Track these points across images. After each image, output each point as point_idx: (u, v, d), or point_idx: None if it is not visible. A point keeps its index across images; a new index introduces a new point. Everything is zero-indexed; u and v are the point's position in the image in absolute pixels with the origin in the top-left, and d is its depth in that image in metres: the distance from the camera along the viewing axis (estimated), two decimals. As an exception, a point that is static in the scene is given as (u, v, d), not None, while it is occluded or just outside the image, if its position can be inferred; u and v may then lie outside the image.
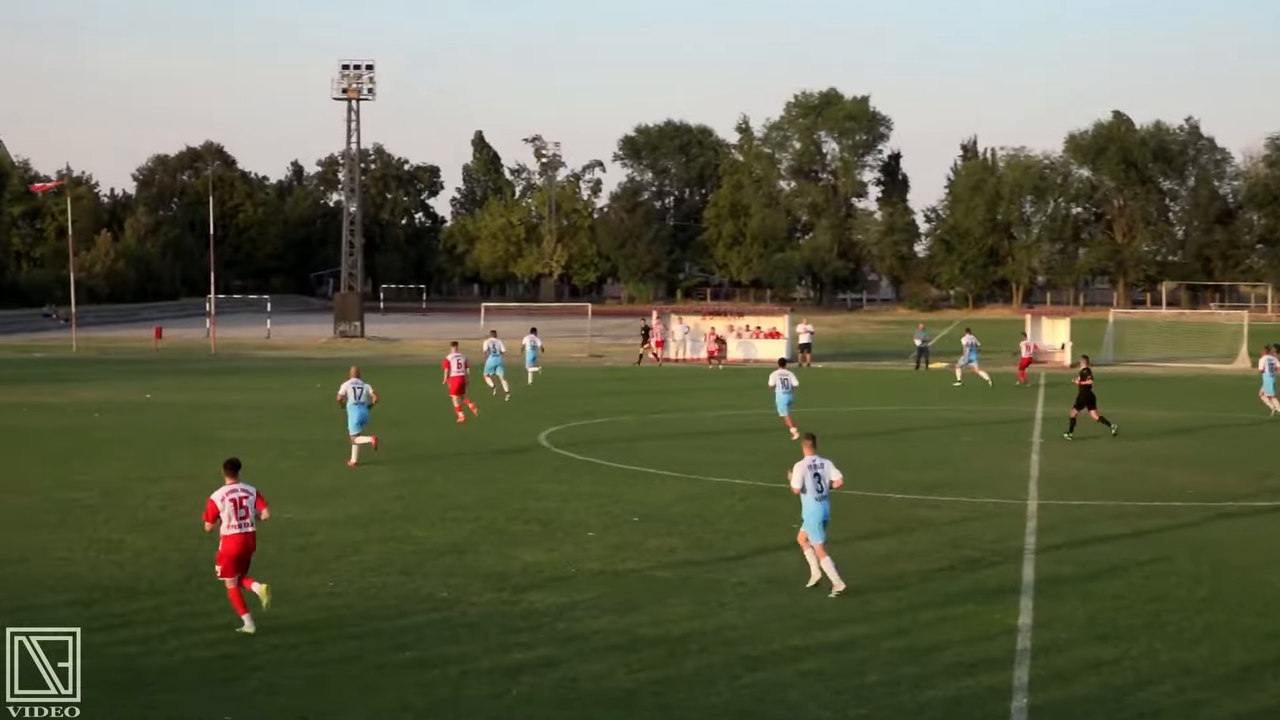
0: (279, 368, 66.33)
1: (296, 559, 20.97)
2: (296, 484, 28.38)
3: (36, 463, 31.57)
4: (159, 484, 28.38)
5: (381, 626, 17.20)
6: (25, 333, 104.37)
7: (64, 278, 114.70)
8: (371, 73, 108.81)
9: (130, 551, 21.47)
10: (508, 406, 45.50)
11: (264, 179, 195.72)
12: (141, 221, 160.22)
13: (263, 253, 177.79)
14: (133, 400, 48.14)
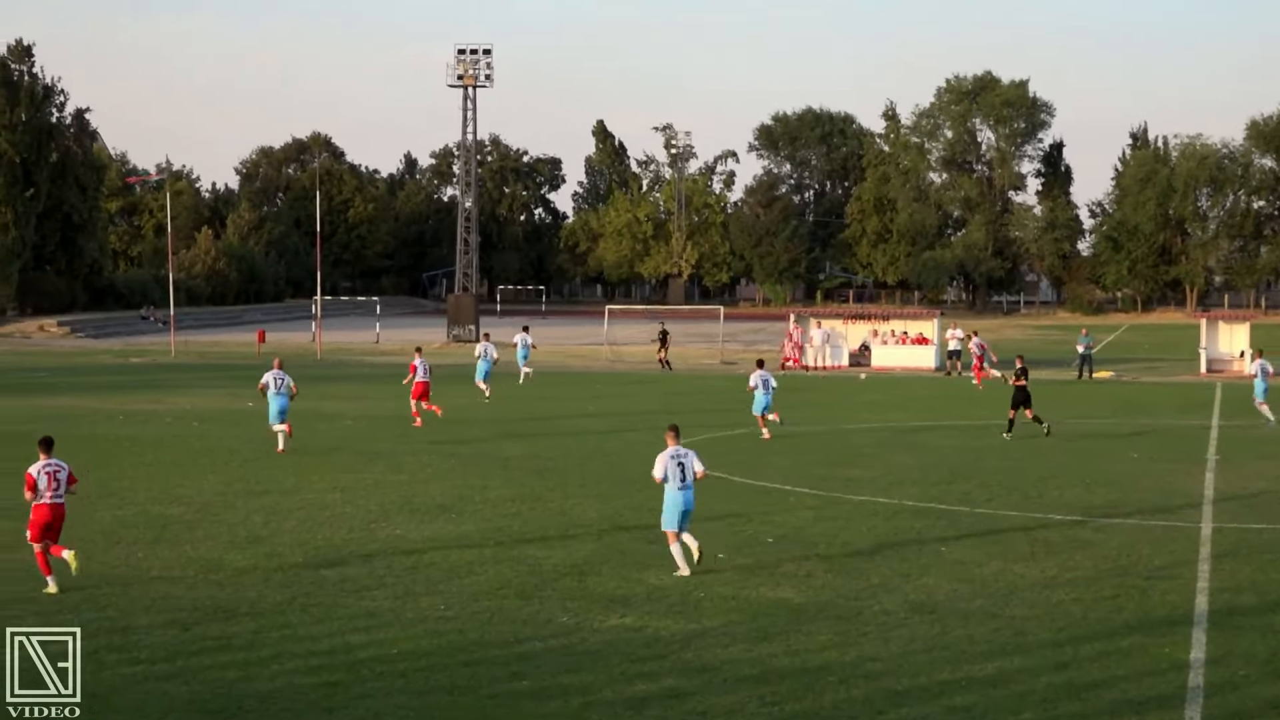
0: (388, 375, 66.95)
1: (406, 579, 21.14)
2: (406, 499, 28.63)
3: (132, 475, 32.13)
4: (261, 498, 28.76)
5: (497, 653, 17.27)
6: (122, 336, 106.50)
7: (162, 278, 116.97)
8: (489, 58, 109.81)
9: (230, 570, 21.77)
10: (633, 417, 45.58)
11: (374, 172, 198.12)
12: (244, 218, 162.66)
13: (372, 251, 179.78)
14: (233, 408, 48.86)
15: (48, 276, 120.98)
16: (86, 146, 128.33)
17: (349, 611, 19.20)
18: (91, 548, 23.28)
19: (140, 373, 68.84)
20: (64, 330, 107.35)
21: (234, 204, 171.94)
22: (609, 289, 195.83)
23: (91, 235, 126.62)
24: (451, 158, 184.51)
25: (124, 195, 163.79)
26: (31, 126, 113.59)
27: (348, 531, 24.92)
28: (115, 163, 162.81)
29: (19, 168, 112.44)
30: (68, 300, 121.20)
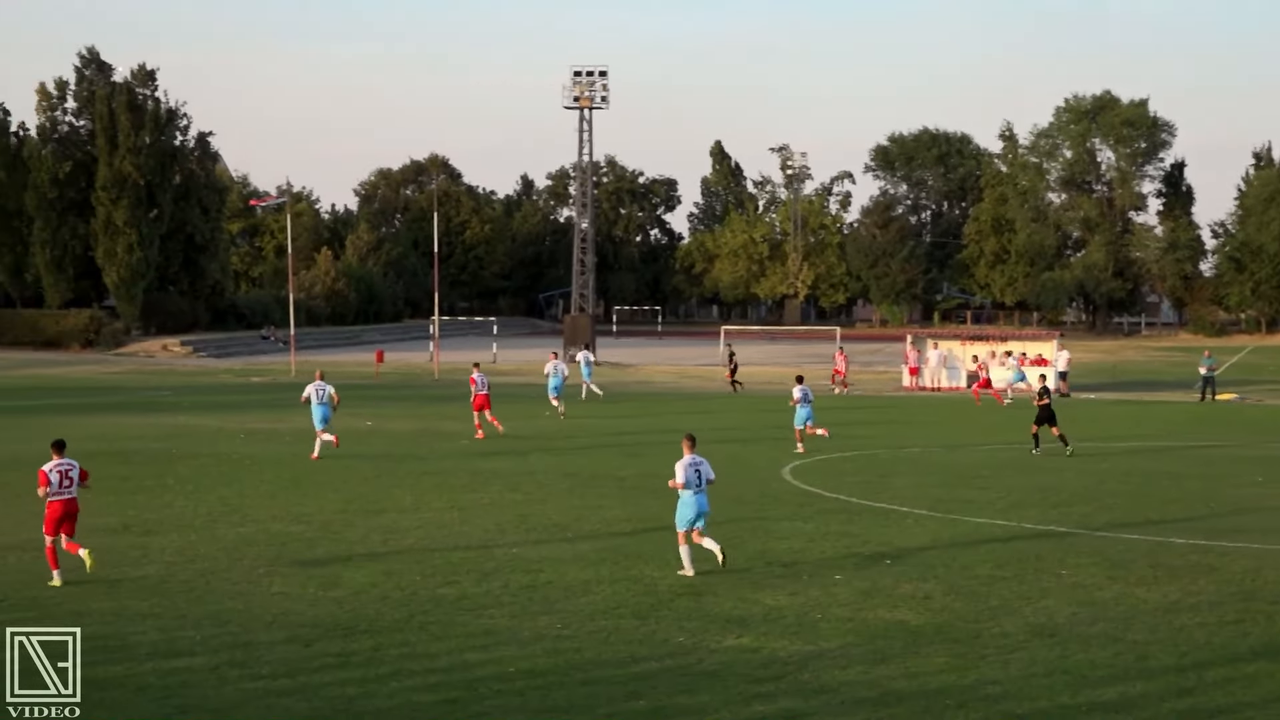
0: (505, 394, 67.32)
1: (523, 598, 21.22)
2: (523, 518, 28.75)
3: (253, 493, 32.51)
4: (379, 516, 29.00)
5: (613, 673, 17.29)
6: (243, 355, 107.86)
7: (283, 298, 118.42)
8: (605, 79, 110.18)
9: (349, 588, 21.95)
10: (748, 438, 45.54)
11: (491, 193, 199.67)
12: (363, 239, 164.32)
13: (489, 272, 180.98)
14: (352, 427, 49.29)
15: (171, 297, 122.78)
16: (209, 169, 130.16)
17: (466, 630, 19.30)
18: (214, 565, 23.62)
19: (261, 392, 69.68)
20: (187, 350, 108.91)
21: (353, 225, 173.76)
22: (725, 309, 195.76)
23: (214, 256, 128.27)
24: (568, 179, 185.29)
25: (245, 217, 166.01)
26: (156, 149, 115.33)
27: (465, 550, 25.06)
28: (237, 185, 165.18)
29: (144, 190, 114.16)
30: (190, 320, 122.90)
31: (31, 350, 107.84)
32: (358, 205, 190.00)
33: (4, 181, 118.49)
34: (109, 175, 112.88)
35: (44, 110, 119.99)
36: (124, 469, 36.54)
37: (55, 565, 22.09)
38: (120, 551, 24.76)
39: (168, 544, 25.59)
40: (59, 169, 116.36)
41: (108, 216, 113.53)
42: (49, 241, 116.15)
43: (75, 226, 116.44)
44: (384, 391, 69.18)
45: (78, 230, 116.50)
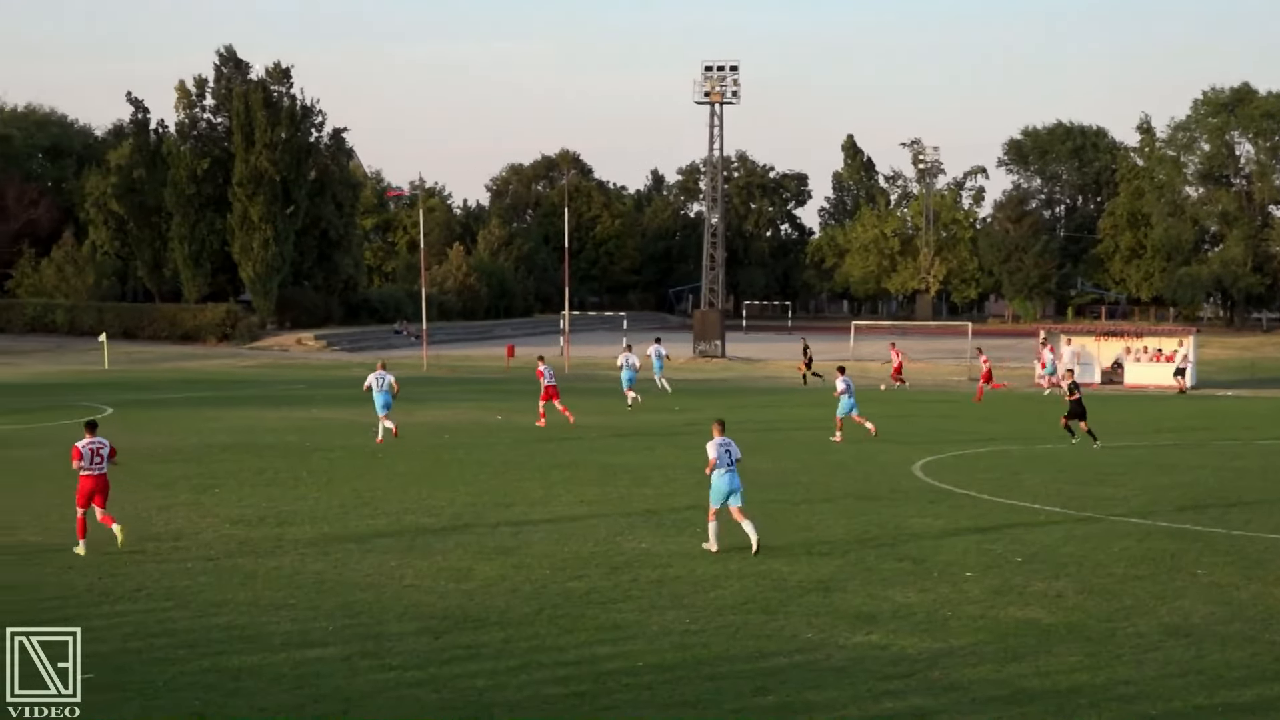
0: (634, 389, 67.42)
1: (652, 592, 21.25)
2: (652, 512, 28.78)
3: (385, 485, 32.82)
4: (509, 510, 29.17)
5: (741, 668, 17.28)
6: (376, 350, 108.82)
7: (415, 293, 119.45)
8: (735, 74, 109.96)
9: (479, 580, 22.10)
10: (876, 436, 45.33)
11: (621, 189, 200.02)
12: (494, 234, 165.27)
13: (619, 266, 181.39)
14: (483, 421, 49.64)
15: (305, 291, 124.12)
16: (343, 165, 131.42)
17: (595, 623, 19.37)
18: (346, 556, 23.87)
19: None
20: (320, 344, 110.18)
21: (484, 220, 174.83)
22: (855, 305, 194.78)
23: (347, 251, 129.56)
24: (698, 174, 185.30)
25: (378, 213, 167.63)
26: (291, 146, 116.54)
27: (594, 544, 25.14)
28: (370, 181, 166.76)
29: (279, 186, 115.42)
30: (324, 315, 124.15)
31: (170, 344, 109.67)
32: (489, 200, 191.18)
33: (144, 179, 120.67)
34: (245, 172, 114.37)
35: (183, 108, 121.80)
36: (259, 462, 37.06)
37: (82, 535, 24.13)
38: (255, 543, 25.12)
39: (301, 536, 25.92)
40: (197, 166, 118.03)
41: (244, 212, 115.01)
42: (187, 237, 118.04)
43: (212, 222, 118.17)
44: (514, 386, 69.56)
45: (215, 226, 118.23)
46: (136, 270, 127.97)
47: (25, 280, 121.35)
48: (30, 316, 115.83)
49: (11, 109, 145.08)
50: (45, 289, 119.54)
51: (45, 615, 19.45)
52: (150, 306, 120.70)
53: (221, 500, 30.33)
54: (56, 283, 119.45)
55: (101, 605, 20.27)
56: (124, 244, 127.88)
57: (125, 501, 29.72)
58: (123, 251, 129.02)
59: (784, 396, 61.64)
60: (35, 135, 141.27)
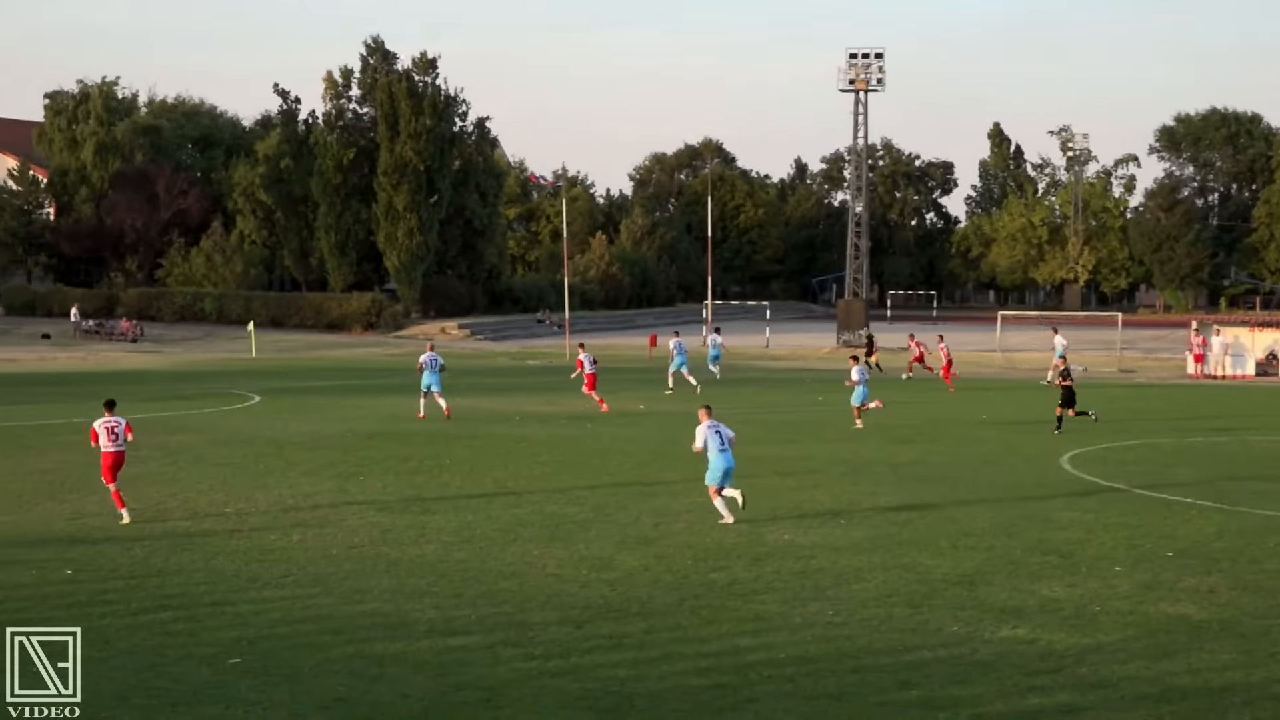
0: (777, 379, 67.38)
1: (794, 584, 21.19)
2: (795, 504, 28.69)
3: (528, 474, 33.01)
4: (652, 500, 29.21)
5: (885, 661, 17.18)
6: (519, 339, 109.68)
7: (558, 282, 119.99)
8: (880, 61, 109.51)
9: (621, 570, 22.16)
10: (1024, 426, 44.88)
11: (765, 177, 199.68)
12: (637, 223, 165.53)
13: (762, 256, 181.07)
14: (626, 411, 49.75)
15: (450, 280, 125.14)
16: (487, 154, 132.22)
17: (737, 615, 19.34)
18: (489, 545, 24.04)
19: (536, 375, 70.78)
20: (464, 333, 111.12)
21: (627, 210, 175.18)
22: (1001, 295, 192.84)
23: (491, 240, 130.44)
24: (842, 162, 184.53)
25: (522, 202, 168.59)
26: (435, 135, 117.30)
27: (736, 535, 25.11)
28: (514, 170, 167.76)
29: (423, 175, 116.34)
30: (468, 304, 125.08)
31: (316, 333, 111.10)
32: (632, 190, 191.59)
33: (291, 169, 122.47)
34: (390, 161, 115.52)
35: (330, 99, 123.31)
36: (404, 449, 37.45)
37: (121, 505, 26.29)
38: (400, 530, 25.38)
39: (445, 524, 26.15)
40: (343, 155, 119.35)
41: (389, 202, 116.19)
42: (333, 226, 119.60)
43: (358, 212, 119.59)
44: (656, 375, 69.61)
45: (360, 215, 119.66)
46: (283, 259, 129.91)
47: (175, 269, 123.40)
48: (180, 305, 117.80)
49: (162, 100, 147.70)
50: (194, 278, 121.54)
51: (198, 600, 19.85)
52: (296, 295, 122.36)
53: (366, 488, 30.69)
54: (205, 272, 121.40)
55: (249, 591, 20.60)
56: (271, 233, 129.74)
57: (274, 488, 30.23)
58: (270, 241, 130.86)
59: (924, 387, 61.12)
60: (185, 126, 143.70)
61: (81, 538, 24.60)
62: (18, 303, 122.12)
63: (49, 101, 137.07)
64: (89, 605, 19.45)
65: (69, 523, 26.14)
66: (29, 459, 34.93)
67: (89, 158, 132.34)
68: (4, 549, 23.56)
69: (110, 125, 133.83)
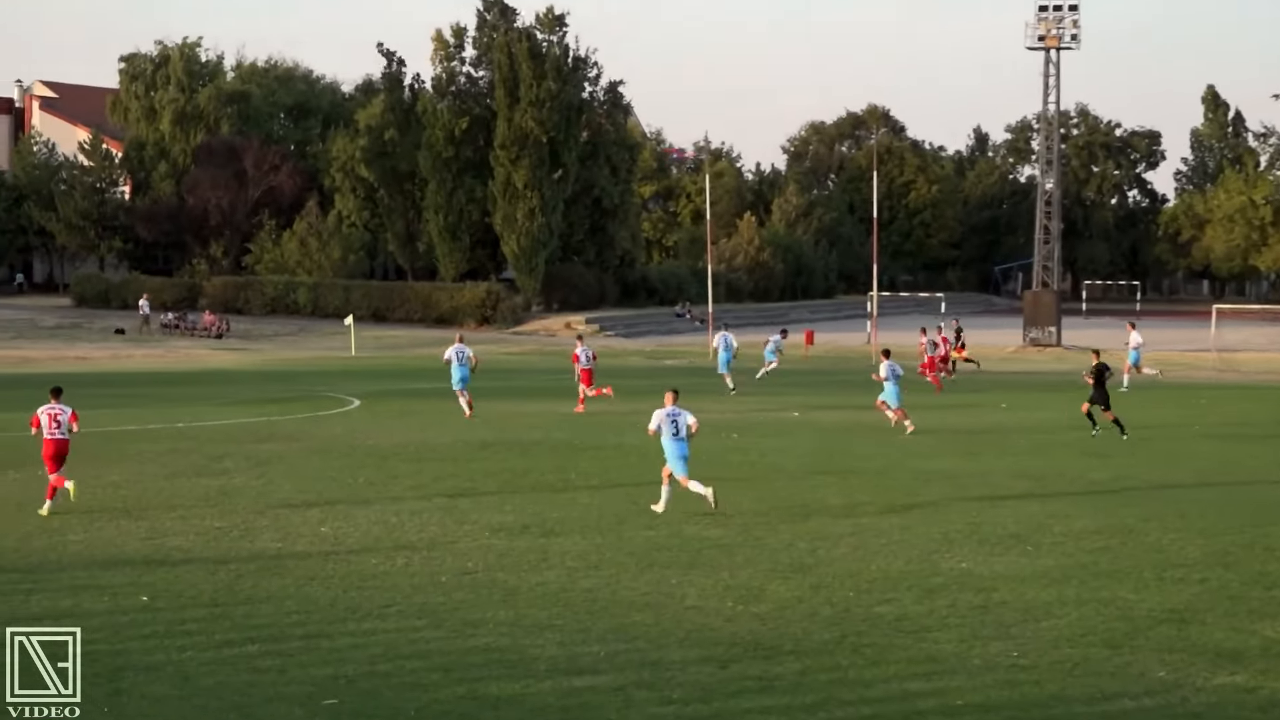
0: (949, 382, 66.84)
1: (973, 620, 21.02)
2: (973, 526, 28.46)
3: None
4: (807, 521, 29.12)
5: (1079, 711, 17.01)
6: (655, 335, 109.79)
7: (700, 270, 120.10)
8: (1075, 15, 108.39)
9: (772, 602, 22.10)
10: (1243, 439, 44.30)
11: (939, 149, 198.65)
12: (791, 202, 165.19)
13: (936, 240, 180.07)
14: (778, 418, 49.67)
15: (576, 268, 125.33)
16: (619, 124, 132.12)
17: (906, 654, 19.23)
18: (620, 571, 24.07)
19: (674, 376, 70.72)
20: (592, 328, 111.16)
21: (780, 187, 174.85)
22: (1217, 285, 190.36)
23: (623, 222, 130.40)
24: (1030, 132, 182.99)
25: (659, 178, 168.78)
26: (560, 102, 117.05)
27: (905, 562, 24.98)
28: (650, 142, 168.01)
29: (545, 148, 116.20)
30: (597, 295, 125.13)
31: (423, 327, 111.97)
32: (786, 164, 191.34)
33: (396, 141, 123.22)
34: (509, 132, 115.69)
35: (440, 61, 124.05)
36: (523, 461, 37.65)
37: (50, 496, 29.09)
38: (518, 554, 25.49)
39: (570, 547, 26.23)
40: (455, 125, 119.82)
41: (507, 178, 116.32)
42: (443, 207, 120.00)
43: (472, 190, 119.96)
44: (813, 377, 69.53)
45: (474, 194, 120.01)
46: (387, 244, 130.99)
47: (265, 255, 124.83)
48: (270, 296, 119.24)
49: (250, 64, 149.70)
50: (287, 265, 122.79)
51: (290, 632, 20.04)
52: (402, 285, 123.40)
53: (480, 505, 30.85)
54: (299, 258, 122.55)
55: (347, 622, 20.78)
56: (373, 214, 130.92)
57: (375, 505, 30.50)
58: (372, 223, 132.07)
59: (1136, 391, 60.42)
60: (277, 93, 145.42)
61: (159, 559, 24.95)
62: (90, 293, 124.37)
63: (124, 66, 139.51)
64: (167, 636, 19.72)
65: (144, 542, 26.51)
66: (100, 470, 35.43)
67: (168, 129, 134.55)
68: (73, 572, 23.94)
69: (192, 92, 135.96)
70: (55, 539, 26.67)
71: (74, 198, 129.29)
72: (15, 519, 28.79)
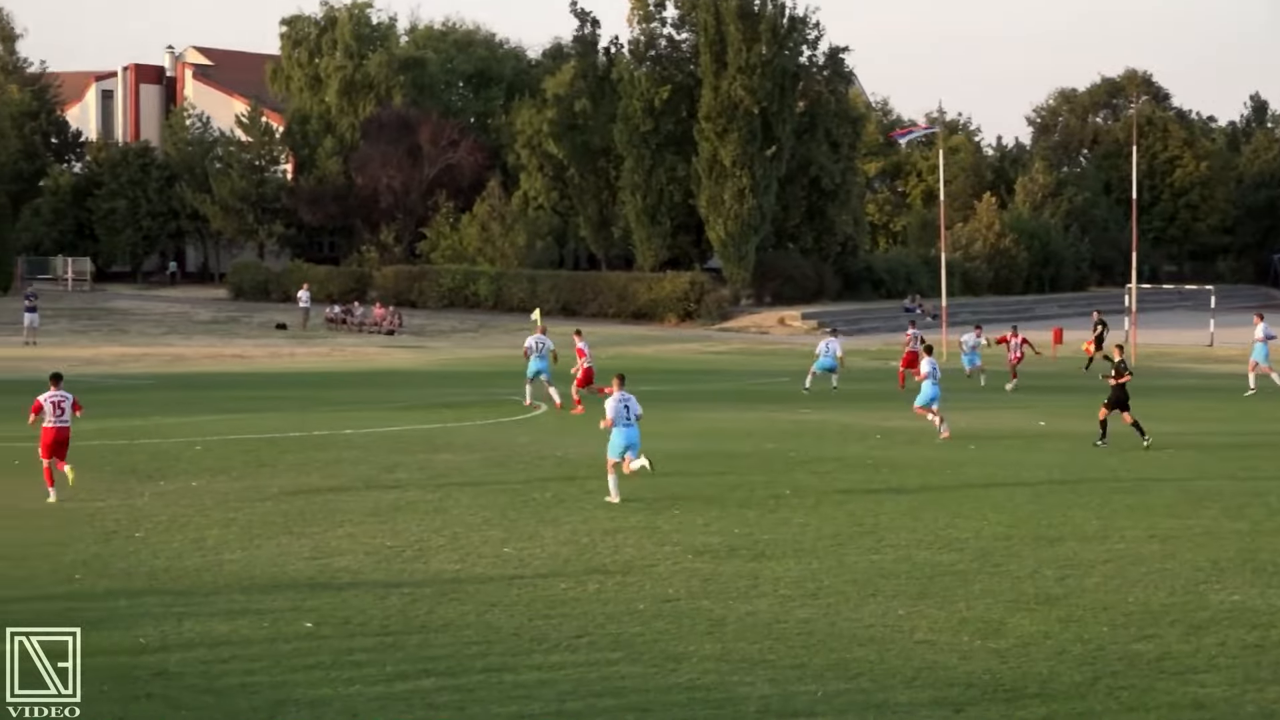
0: (1221, 388, 65.94)
1: (1247, 660, 20.74)
2: (1248, 554, 28.04)
3: (891, 510, 32.81)
4: (1054, 546, 28.89)
5: (1369, 768, 16.79)
6: (880, 332, 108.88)
7: (932, 259, 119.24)
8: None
9: (1014, 638, 21.96)
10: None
11: (1209, 120, 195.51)
12: (1037, 181, 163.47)
13: (1205, 224, 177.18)
14: (1021, 428, 49.29)
15: (790, 256, 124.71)
16: (840, 94, 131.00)
17: (1169, 699, 19.04)
18: (840, 601, 24.04)
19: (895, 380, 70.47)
20: (809, 324, 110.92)
21: (1024, 164, 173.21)
22: None
23: (845, 205, 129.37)
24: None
25: (885, 155, 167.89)
26: (774, 69, 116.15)
27: (1168, 594, 24.71)
28: (875, 113, 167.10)
29: (757, 120, 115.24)
30: (814, 287, 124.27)
31: (618, 323, 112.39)
32: (1031, 138, 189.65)
33: (589, 112, 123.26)
34: (715, 102, 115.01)
35: (639, 21, 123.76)
36: (731, 475, 37.68)
37: (51, 484, 32.70)
38: (725, 580, 25.54)
39: (783, 572, 26.24)
40: (655, 95, 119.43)
41: (713, 154, 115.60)
42: (641, 187, 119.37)
43: (673, 168, 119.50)
44: (1061, 381, 68.86)
45: (676, 173, 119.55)
46: (577, 229, 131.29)
47: (442, 242, 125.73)
48: (447, 288, 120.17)
49: (426, 27, 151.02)
50: (465, 253, 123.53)
51: (469, 665, 20.23)
52: (594, 275, 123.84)
53: (682, 524, 30.95)
54: (479, 245, 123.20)
55: (533, 654, 20.93)
56: (563, 196, 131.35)
57: (564, 522, 30.71)
58: (561, 205, 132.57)
59: None
60: (455, 59, 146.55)
61: (324, 582, 25.32)
62: (248, 284, 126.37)
63: (286, 30, 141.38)
64: (333, 668, 20.01)
65: (309, 563, 26.91)
66: (260, 481, 36.04)
67: (334, 100, 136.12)
68: (230, 595, 24.36)
69: (361, 59, 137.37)
70: (210, 558, 27.16)
71: (230, 177, 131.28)
72: (166, 535, 29.35)
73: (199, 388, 66.34)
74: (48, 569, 26.16)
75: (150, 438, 44.64)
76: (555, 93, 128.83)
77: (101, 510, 32.17)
